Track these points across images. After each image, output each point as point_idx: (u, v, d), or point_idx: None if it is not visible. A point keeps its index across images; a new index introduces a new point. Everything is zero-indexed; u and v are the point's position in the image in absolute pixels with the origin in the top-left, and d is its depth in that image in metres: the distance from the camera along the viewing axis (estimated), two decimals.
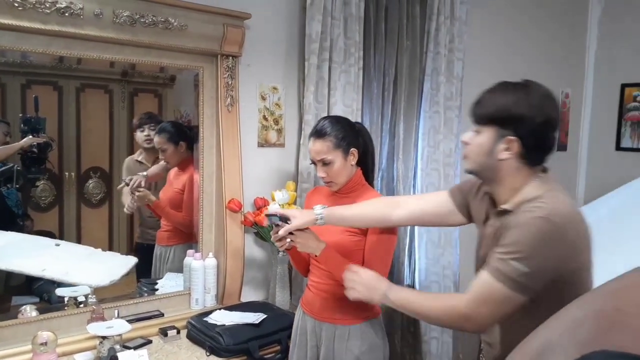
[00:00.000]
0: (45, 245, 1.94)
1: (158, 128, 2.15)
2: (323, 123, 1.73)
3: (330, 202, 1.74)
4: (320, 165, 1.71)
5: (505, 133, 1.20)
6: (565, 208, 1.16)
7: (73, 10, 1.68)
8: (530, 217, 1.14)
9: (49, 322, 1.76)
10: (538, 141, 1.20)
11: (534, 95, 1.19)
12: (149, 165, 2.18)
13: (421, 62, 2.60)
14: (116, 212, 2.15)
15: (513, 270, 1.13)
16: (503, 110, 1.20)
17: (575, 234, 1.14)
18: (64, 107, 1.98)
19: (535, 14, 3.34)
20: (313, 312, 1.75)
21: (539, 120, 1.18)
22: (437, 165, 2.67)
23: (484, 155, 1.24)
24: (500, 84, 1.25)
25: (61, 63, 1.88)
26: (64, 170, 2.00)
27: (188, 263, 2.08)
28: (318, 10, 2.17)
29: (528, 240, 1.13)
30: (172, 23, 1.87)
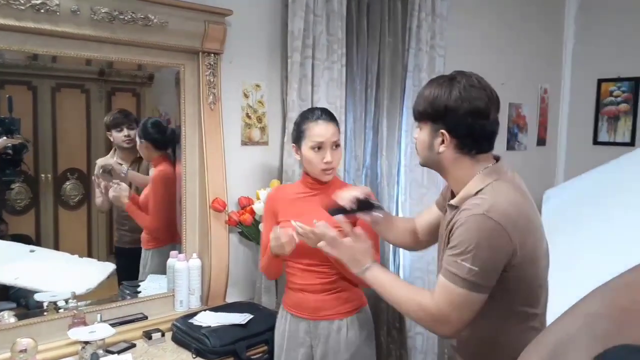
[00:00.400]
0: (19, 251, 1.88)
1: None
2: (321, 109, 1.75)
3: (299, 201, 1.72)
4: (330, 150, 1.67)
5: (437, 127, 1.25)
6: (503, 202, 1.17)
7: (49, 6, 1.63)
8: (470, 215, 1.17)
9: (28, 328, 1.71)
10: (467, 130, 1.22)
11: (457, 87, 1.21)
12: (127, 165, 2.13)
13: (403, 59, 2.60)
14: (95, 215, 2.10)
15: (463, 270, 1.15)
16: (431, 105, 1.24)
17: (513, 228, 1.15)
18: (39, 108, 1.92)
19: (513, 11, 3.38)
20: (306, 313, 1.73)
21: (462, 110, 1.20)
22: None
23: (426, 150, 1.30)
24: (431, 80, 1.31)
25: (36, 62, 1.83)
26: (39, 172, 1.94)
27: (171, 264, 2.04)
28: (300, 7, 2.15)
29: (471, 238, 1.15)
30: (152, 20, 1.83)
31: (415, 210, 2.68)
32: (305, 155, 1.68)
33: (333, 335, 1.70)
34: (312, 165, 1.67)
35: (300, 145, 1.69)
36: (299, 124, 1.71)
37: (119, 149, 2.09)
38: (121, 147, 2.09)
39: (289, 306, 1.77)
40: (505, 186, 1.23)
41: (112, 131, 2.07)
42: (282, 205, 1.74)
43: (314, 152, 1.66)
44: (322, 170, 1.67)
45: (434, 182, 2.71)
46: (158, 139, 2.13)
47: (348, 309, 1.73)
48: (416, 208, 2.68)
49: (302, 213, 1.69)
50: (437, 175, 2.69)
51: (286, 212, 1.72)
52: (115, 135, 2.08)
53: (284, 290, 1.82)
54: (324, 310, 1.71)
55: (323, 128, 1.67)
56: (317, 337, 1.72)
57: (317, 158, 1.66)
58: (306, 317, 1.72)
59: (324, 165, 1.66)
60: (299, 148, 1.70)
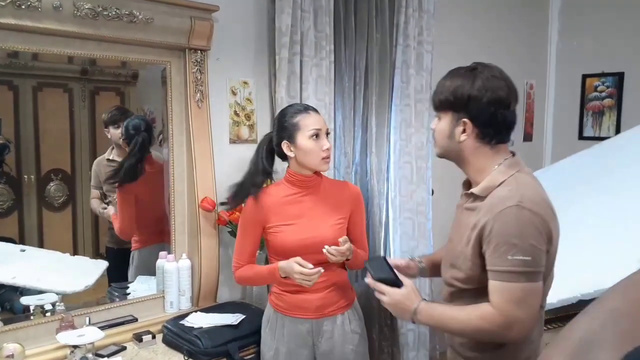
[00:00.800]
0: (9, 251, 1.85)
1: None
2: (302, 104, 1.80)
3: (292, 204, 1.69)
4: (325, 137, 1.67)
5: (459, 116, 1.27)
6: (531, 191, 1.21)
7: (30, 2, 1.59)
8: (504, 209, 1.17)
9: (14, 332, 1.67)
10: (490, 120, 1.24)
11: (480, 77, 1.24)
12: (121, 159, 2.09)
13: (391, 55, 2.60)
14: (80, 216, 2.06)
15: (517, 264, 1.15)
16: (453, 94, 1.26)
17: (546, 215, 1.19)
18: (20, 107, 1.88)
19: (498, 7, 3.39)
20: (309, 313, 1.70)
21: (486, 99, 1.22)
22: (409, 158, 2.67)
23: (446, 139, 1.31)
24: (451, 70, 1.31)
25: (16, 60, 1.79)
26: (22, 173, 1.90)
27: (161, 265, 2.01)
28: (287, 3, 2.13)
29: (513, 231, 1.16)
30: (137, 16, 1.80)
31: (405, 207, 2.68)
32: (303, 147, 1.64)
33: (337, 330, 1.71)
34: (312, 155, 1.65)
35: (295, 139, 1.65)
36: (288, 119, 1.68)
37: (117, 146, 2.07)
38: (118, 143, 2.06)
39: (286, 309, 1.72)
40: (528, 178, 1.26)
41: (109, 128, 2.05)
42: (270, 211, 1.68)
43: (313, 141, 1.64)
44: (322, 159, 1.66)
45: (423, 178, 2.71)
46: (131, 139, 2.07)
47: (347, 302, 1.75)
48: (406, 205, 2.68)
49: (296, 216, 1.68)
50: (425, 172, 2.74)
51: (278, 217, 1.68)
52: (113, 132, 2.05)
53: (274, 294, 1.76)
54: (328, 307, 1.71)
55: (315, 117, 1.67)
56: (321, 335, 1.71)
57: (317, 147, 1.64)
58: (309, 317, 1.70)
59: (323, 153, 1.65)
60: (292, 143, 1.67)
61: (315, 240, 1.64)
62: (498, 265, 1.18)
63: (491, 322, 1.20)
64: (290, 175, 1.72)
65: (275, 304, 1.74)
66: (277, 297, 1.74)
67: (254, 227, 1.71)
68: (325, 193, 1.73)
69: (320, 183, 1.73)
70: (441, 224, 2.98)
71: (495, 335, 1.22)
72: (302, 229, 1.65)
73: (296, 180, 1.71)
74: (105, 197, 2.08)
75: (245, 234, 1.73)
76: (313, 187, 1.71)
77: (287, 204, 1.69)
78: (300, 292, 1.68)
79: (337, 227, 1.70)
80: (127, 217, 2.09)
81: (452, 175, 3.15)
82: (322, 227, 1.67)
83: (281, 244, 1.66)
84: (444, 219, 3.06)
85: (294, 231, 1.65)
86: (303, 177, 1.70)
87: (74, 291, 1.88)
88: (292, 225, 1.66)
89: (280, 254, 1.67)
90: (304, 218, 1.68)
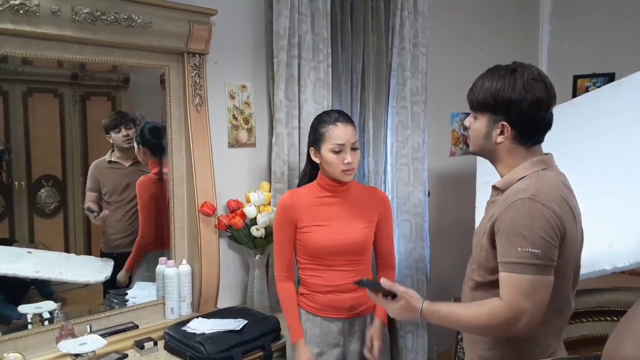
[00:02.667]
0: (17, 253, 1.86)
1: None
2: (338, 111, 1.79)
3: (321, 206, 1.73)
4: (350, 151, 1.68)
5: (498, 118, 1.26)
6: (549, 188, 1.20)
7: (28, 7, 1.57)
8: (517, 200, 1.18)
9: (13, 342, 1.65)
10: (529, 123, 1.24)
11: (521, 79, 1.22)
12: (126, 165, 2.10)
13: (387, 58, 2.60)
14: (72, 222, 2.03)
15: (525, 256, 1.15)
16: (492, 97, 1.25)
17: (561, 211, 1.18)
18: (10, 113, 1.85)
19: (490, 9, 3.42)
20: (342, 312, 1.75)
21: (527, 103, 1.21)
22: (406, 160, 2.68)
23: (482, 139, 1.31)
24: (490, 70, 1.29)
25: (6, 65, 1.77)
26: (13, 179, 1.88)
27: (161, 271, 1.99)
28: (285, 6, 2.13)
29: (523, 222, 1.16)
30: (135, 20, 1.78)
31: (402, 209, 2.68)
32: (325, 158, 1.70)
33: (369, 327, 1.78)
34: (333, 167, 1.69)
35: (320, 148, 1.70)
36: (317, 127, 1.73)
37: (118, 149, 2.07)
38: (121, 147, 2.06)
39: (318, 309, 1.76)
40: (552, 175, 1.25)
41: (110, 133, 2.06)
42: (302, 211, 1.73)
43: (334, 155, 1.67)
44: (342, 172, 1.69)
45: (419, 180, 2.72)
46: (156, 145, 2.09)
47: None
48: (403, 207, 2.68)
49: (327, 218, 1.73)
50: (422, 174, 2.75)
51: (309, 218, 1.73)
52: (114, 137, 2.05)
53: (304, 295, 1.80)
54: (359, 307, 1.77)
55: (342, 130, 1.68)
56: (352, 334, 1.77)
57: (338, 160, 1.67)
58: (342, 316, 1.75)
59: (344, 166, 1.68)
60: (318, 151, 1.71)
61: (345, 242, 1.71)
62: (507, 256, 1.18)
63: (498, 315, 1.19)
64: (321, 179, 1.77)
65: (306, 304, 1.78)
66: (308, 298, 1.78)
67: (287, 227, 1.75)
68: (354, 198, 1.77)
69: (350, 188, 1.77)
70: (437, 225, 3.00)
71: (503, 328, 1.21)
72: (333, 230, 1.71)
73: (325, 184, 1.76)
74: (101, 199, 2.06)
75: (280, 234, 1.76)
76: (342, 192, 1.76)
77: (317, 205, 1.74)
78: (332, 292, 1.74)
79: (367, 230, 1.76)
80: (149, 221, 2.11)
81: (447, 177, 3.20)
82: (352, 230, 1.73)
83: (313, 243, 1.72)
84: (440, 220, 3.11)
85: (325, 232, 1.71)
86: (331, 182, 1.74)
87: (97, 281, 1.98)
88: (323, 227, 1.72)
89: (311, 253, 1.74)
90: (334, 220, 1.73)
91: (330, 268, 1.73)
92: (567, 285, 1.28)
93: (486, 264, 1.26)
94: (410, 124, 2.67)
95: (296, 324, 1.75)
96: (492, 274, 1.24)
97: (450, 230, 3.11)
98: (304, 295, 1.80)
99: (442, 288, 2.90)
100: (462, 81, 1.83)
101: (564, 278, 1.24)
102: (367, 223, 1.77)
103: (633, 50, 3.31)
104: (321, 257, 1.72)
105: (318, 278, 1.75)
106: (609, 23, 3.46)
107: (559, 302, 1.25)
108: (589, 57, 3.54)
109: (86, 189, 2.02)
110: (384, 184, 2.65)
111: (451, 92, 2.97)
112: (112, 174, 2.07)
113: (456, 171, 3.24)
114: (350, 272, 1.73)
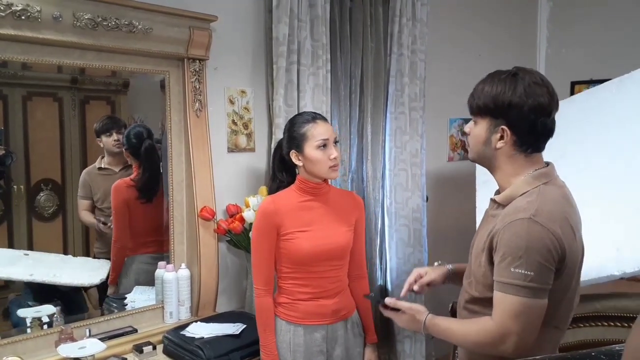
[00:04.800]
0: (14, 255, 1.86)
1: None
2: (311, 112, 1.79)
3: (305, 209, 1.70)
4: (334, 146, 1.68)
5: (498, 123, 1.23)
6: (550, 206, 1.17)
7: (30, 13, 1.58)
8: (516, 220, 1.16)
9: (13, 346, 1.66)
10: (530, 128, 1.21)
11: (522, 83, 1.20)
12: (116, 170, 2.09)
13: (385, 64, 2.62)
14: (70, 226, 2.04)
15: (519, 277, 1.13)
16: (492, 100, 1.22)
17: (562, 232, 1.15)
18: (10, 117, 1.86)
19: (488, 16, 3.44)
20: (325, 319, 1.72)
21: (527, 107, 1.19)
22: (404, 165, 2.69)
23: (482, 145, 1.28)
24: (490, 75, 1.27)
25: (5, 69, 1.78)
26: (12, 183, 1.89)
27: (160, 275, 2.00)
28: (284, 12, 2.15)
29: (520, 243, 1.13)
30: (136, 26, 1.80)
31: (401, 214, 2.69)
32: (310, 157, 1.66)
33: (347, 335, 1.77)
34: (320, 164, 1.66)
35: (303, 149, 1.67)
36: (294, 129, 1.70)
37: (109, 154, 2.06)
38: (112, 151, 2.06)
39: (300, 318, 1.71)
40: (554, 190, 1.22)
41: (101, 137, 2.05)
42: (285, 217, 1.68)
43: (320, 151, 1.66)
44: (329, 168, 1.67)
45: (418, 185, 2.73)
46: (137, 149, 2.09)
47: (352, 305, 1.81)
48: (402, 212, 2.69)
49: (310, 223, 1.69)
50: (420, 179, 2.76)
51: (293, 223, 1.68)
52: (105, 141, 2.05)
53: (284, 305, 1.73)
54: (342, 311, 1.75)
55: (323, 127, 1.68)
56: (335, 340, 1.74)
57: (324, 156, 1.66)
58: (325, 322, 1.72)
59: (331, 162, 1.67)
60: (301, 152, 1.68)
61: (330, 247, 1.69)
62: (501, 276, 1.16)
63: (486, 334, 1.19)
64: (301, 182, 1.73)
65: (286, 315, 1.72)
66: (289, 308, 1.72)
67: (270, 234, 1.68)
68: (334, 201, 1.76)
69: (329, 191, 1.76)
70: (435, 230, 3.01)
71: (490, 348, 1.20)
72: (317, 235, 1.68)
73: (306, 187, 1.72)
74: (94, 207, 2.06)
75: (263, 242, 1.68)
76: (323, 195, 1.74)
77: (299, 209, 1.70)
78: (314, 298, 1.71)
79: (349, 234, 1.75)
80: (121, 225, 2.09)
81: (445, 182, 3.21)
82: (335, 234, 1.71)
83: (298, 250, 1.66)
84: (438, 225, 3.12)
85: (309, 238, 1.67)
86: (313, 185, 1.72)
87: (91, 283, 1.97)
88: (307, 232, 1.67)
89: (294, 261, 1.68)
90: (317, 224, 1.70)
91: (314, 275, 1.69)
92: (569, 304, 1.26)
93: (484, 280, 1.25)
94: (409, 129, 2.69)
95: (273, 346, 1.69)
96: (490, 291, 1.22)
97: (448, 235, 3.11)
98: (283, 305, 1.72)
99: (439, 293, 2.90)
100: (460, 87, 1.85)
101: (564, 298, 1.22)
102: (348, 226, 1.76)
103: (630, 57, 3.33)
104: (305, 264, 1.67)
105: (301, 286, 1.69)
106: (606, 30, 3.48)
107: (558, 320, 1.24)
108: (586, 63, 3.56)
109: (78, 197, 2.01)
110: (382, 189, 2.67)
111: (449, 97, 2.99)
112: (103, 181, 2.05)
113: (454, 176, 3.25)
114: (332, 277, 1.71)
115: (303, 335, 1.70)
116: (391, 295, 1.45)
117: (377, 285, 1.56)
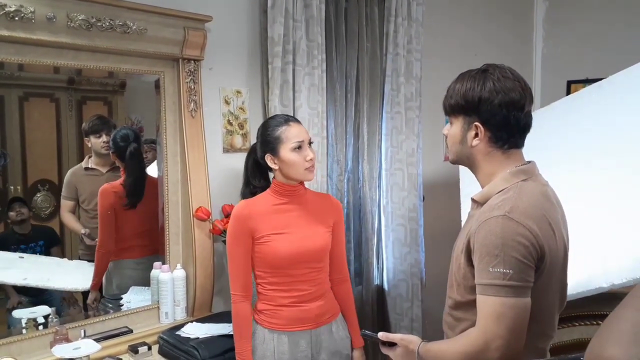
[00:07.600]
0: (9, 258, 1.86)
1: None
2: (283, 114, 1.80)
3: (278, 213, 1.68)
4: (309, 147, 1.67)
5: (471, 120, 1.23)
6: (527, 203, 1.14)
7: (23, 14, 1.58)
8: (490, 218, 1.13)
9: (7, 347, 1.65)
10: (502, 122, 1.20)
11: (491, 78, 1.19)
12: (103, 171, 2.07)
13: (381, 64, 2.62)
14: (67, 227, 2.04)
15: (497, 277, 1.09)
16: (463, 97, 1.22)
17: (539, 229, 1.12)
18: (6, 118, 1.86)
19: (485, 15, 3.45)
20: (309, 323, 1.70)
21: (498, 101, 1.18)
22: (400, 165, 2.70)
23: (458, 144, 1.27)
24: (462, 74, 1.27)
25: (2, 70, 1.77)
26: (8, 183, 1.89)
27: (155, 276, 2.00)
28: (280, 13, 2.15)
29: (495, 241, 1.10)
30: (130, 27, 1.79)
31: (397, 214, 2.70)
32: (286, 160, 1.65)
33: (332, 339, 1.75)
34: (296, 166, 1.65)
35: (278, 152, 1.66)
36: (268, 132, 1.68)
37: (96, 155, 2.04)
38: (99, 153, 2.04)
39: (283, 325, 1.68)
40: (532, 187, 1.19)
41: (90, 137, 2.03)
42: (259, 220, 1.66)
43: (296, 153, 1.64)
44: (305, 169, 1.66)
45: (414, 185, 2.74)
46: (122, 152, 2.07)
47: (336, 308, 1.80)
48: (398, 211, 2.70)
49: (286, 225, 1.67)
50: (416, 179, 2.77)
51: (267, 226, 1.66)
52: (94, 141, 2.03)
53: (264, 312, 1.70)
54: (325, 315, 1.73)
55: (296, 129, 1.67)
56: (319, 344, 1.71)
57: (300, 157, 1.64)
58: (309, 327, 1.70)
59: (307, 163, 1.65)
60: (276, 156, 1.67)
61: (308, 250, 1.66)
62: (481, 278, 1.13)
63: (471, 342, 1.15)
64: (276, 186, 1.71)
65: (268, 322, 1.69)
66: (271, 315, 1.69)
67: (244, 238, 1.66)
68: (310, 203, 1.74)
69: (305, 193, 1.75)
70: (432, 229, 3.02)
71: (477, 355, 1.14)
72: (294, 238, 1.65)
73: (282, 190, 1.71)
74: (77, 208, 2.04)
75: (237, 247, 1.67)
76: (299, 197, 1.72)
77: (274, 213, 1.68)
78: (296, 303, 1.68)
79: (327, 236, 1.73)
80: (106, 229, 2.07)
81: (441, 181, 3.21)
82: (313, 236, 1.69)
83: (273, 253, 1.64)
84: (435, 225, 3.12)
85: (285, 240, 1.64)
86: (289, 187, 1.70)
87: (85, 288, 1.97)
88: (283, 235, 1.65)
89: (271, 265, 1.66)
90: (294, 227, 1.67)
91: (294, 278, 1.66)
92: (551, 306, 1.23)
93: (465, 282, 1.21)
94: (405, 129, 2.69)
95: (249, 354, 1.66)
96: (471, 294, 1.18)
97: (444, 235, 3.10)
98: (264, 312, 1.69)
99: (436, 292, 2.90)
100: None
101: (546, 299, 1.19)
102: (326, 228, 1.74)
103: (626, 56, 3.32)
104: (283, 267, 1.64)
105: (281, 291, 1.66)
106: (602, 29, 3.49)
107: (543, 324, 1.21)
108: (582, 62, 3.57)
109: (62, 197, 1.97)
110: (378, 189, 2.67)
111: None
112: (89, 181, 2.03)
113: (450, 176, 3.25)
114: (312, 280, 1.69)
115: (287, 342, 1.68)
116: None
117: (363, 330, 1.50)
